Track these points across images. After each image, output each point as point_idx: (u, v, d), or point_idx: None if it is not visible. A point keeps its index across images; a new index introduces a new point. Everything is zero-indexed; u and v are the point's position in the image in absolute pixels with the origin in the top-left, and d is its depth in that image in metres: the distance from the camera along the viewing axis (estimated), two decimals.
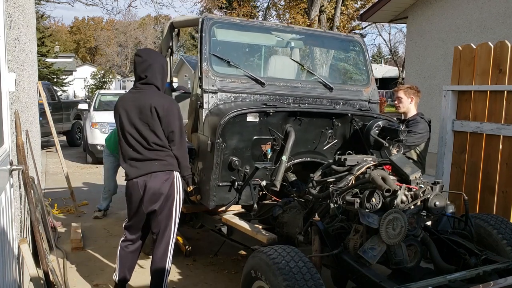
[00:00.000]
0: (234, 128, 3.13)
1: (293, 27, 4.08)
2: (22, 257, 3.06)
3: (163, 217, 3.03)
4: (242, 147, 3.22)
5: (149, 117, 2.89)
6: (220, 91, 3.36)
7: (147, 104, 2.89)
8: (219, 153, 3.11)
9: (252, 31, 3.90)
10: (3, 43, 2.80)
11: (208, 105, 3.32)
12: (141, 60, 2.99)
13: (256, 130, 3.23)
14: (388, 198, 2.60)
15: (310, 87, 3.73)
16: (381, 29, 34.00)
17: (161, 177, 2.94)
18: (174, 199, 3.02)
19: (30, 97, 4.94)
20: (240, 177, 3.24)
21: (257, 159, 3.30)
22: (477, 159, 4.03)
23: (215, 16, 3.54)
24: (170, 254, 3.12)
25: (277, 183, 3.22)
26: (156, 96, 2.95)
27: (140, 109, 2.91)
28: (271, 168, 3.35)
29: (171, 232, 3.07)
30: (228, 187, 3.25)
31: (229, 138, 3.14)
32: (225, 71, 3.43)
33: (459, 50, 4.26)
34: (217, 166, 3.13)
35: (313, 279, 2.25)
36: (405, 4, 8.54)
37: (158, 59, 3.03)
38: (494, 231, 2.88)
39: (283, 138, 3.32)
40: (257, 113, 3.17)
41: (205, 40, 3.38)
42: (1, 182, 2.49)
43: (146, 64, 2.97)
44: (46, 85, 11.34)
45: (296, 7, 21.12)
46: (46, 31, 27.62)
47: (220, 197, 3.24)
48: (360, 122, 3.55)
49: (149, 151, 2.92)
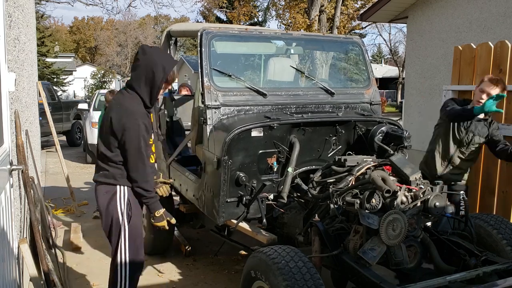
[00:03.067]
0: (240, 144, 3.13)
1: (292, 34, 4.08)
2: (22, 257, 3.06)
3: (108, 234, 2.67)
4: (248, 162, 3.22)
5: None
6: (223, 105, 3.34)
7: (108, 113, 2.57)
8: (226, 170, 3.10)
9: (251, 40, 3.89)
10: (3, 43, 2.79)
11: (212, 121, 3.31)
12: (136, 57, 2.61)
13: (261, 144, 3.23)
14: (388, 199, 2.60)
15: (311, 94, 3.73)
16: (381, 29, 33.98)
17: (102, 190, 2.64)
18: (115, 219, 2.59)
19: (30, 97, 4.94)
20: (248, 192, 3.24)
21: (263, 172, 3.31)
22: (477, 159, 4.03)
23: (214, 29, 3.51)
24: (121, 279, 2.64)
25: (284, 195, 3.23)
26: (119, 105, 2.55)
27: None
28: (277, 181, 3.36)
29: (116, 255, 2.63)
30: (236, 203, 3.25)
31: (235, 155, 3.13)
32: (227, 84, 3.42)
33: (459, 50, 4.26)
34: (224, 183, 3.12)
35: (313, 279, 2.25)
36: (405, 4, 8.53)
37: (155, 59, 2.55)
38: (494, 231, 2.88)
39: (288, 150, 3.32)
40: (261, 128, 3.17)
41: (205, 54, 3.36)
42: (1, 182, 2.49)
43: (138, 62, 2.57)
44: (46, 85, 11.34)
45: (296, 7, 21.11)
46: (46, 31, 27.64)
47: (229, 213, 3.24)
48: (364, 128, 3.55)
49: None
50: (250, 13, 24.94)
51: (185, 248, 4.48)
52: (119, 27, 51.84)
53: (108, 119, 2.55)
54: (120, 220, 2.58)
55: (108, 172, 2.60)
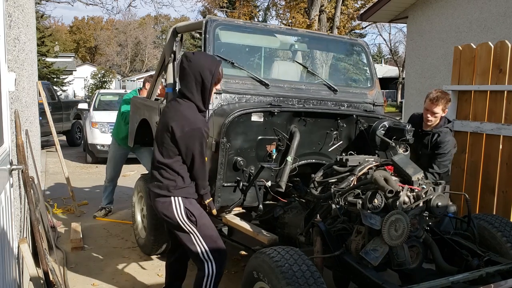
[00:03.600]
0: (239, 127, 3.11)
1: (297, 30, 4.07)
2: (22, 257, 3.05)
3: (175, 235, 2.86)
4: (247, 147, 3.20)
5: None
6: (224, 92, 3.35)
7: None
8: (223, 153, 3.09)
9: (256, 33, 3.89)
10: (3, 43, 2.78)
11: (212, 106, 3.30)
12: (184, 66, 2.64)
13: (261, 130, 3.22)
14: (390, 199, 2.59)
15: (314, 89, 3.72)
16: (381, 29, 34.01)
17: (159, 201, 2.76)
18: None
19: (30, 97, 4.93)
20: (245, 178, 3.22)
21: (262, 159, 3.29)
22: (477, 159, 4.03)
23: (219, 18, 3.54)
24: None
25: (283, 184, 3.21)
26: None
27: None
28: (276, 169, 3.34)
29: (198, 255, 2.77)
30: (233, 188, 3.23)
31: (233, 138, 3.12)
32: (229, 72, 3.42)
33: (459, 50, 4.25)
34: (221, 166, 3.11)
35: (316, 283, 2.22)
36: (405, 4, 8.54)
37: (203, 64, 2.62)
38: (499, 234, 2.86)
39: (288, 139, 3.30)
40: (261, 113, 3.16)
41: (209, 41, 3.37)
42: (1, 181, 2.48)
43: (185, 71, 2.63)
44: (46, 84, 11.34)
45: (296, 6, 21.10)
46: (46, 30, 27.58)
47: (225, 198, 3.22)
48: (366, 123, 3.54)
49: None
50: (251, 13, 24.93)
51: None
52: (119, 27, 51.86)
53: (167, 129, 2.62)
54: (185, 226, 2.72)
55: (162, 184, 2.70)
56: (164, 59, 4.43)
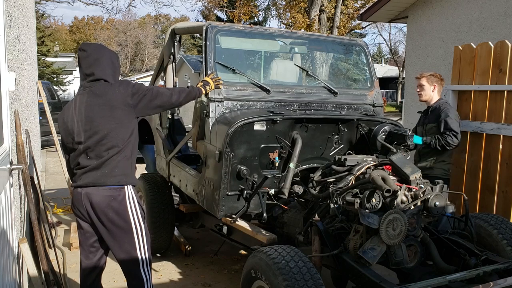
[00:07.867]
0: (242, 137, 3.12)
1: (297, 33, 4.08)
2: (22, 257, 3.06)
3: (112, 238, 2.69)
4: (250, 155, 3.21)
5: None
6: (226, 99, 3.35)
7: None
8: (227, 163, 3.10)
9: (255, 37, 3.89)
10: (3, 43, 2.79)
11: (215, 114, 3.31)
12: (85, 55, 2.57)
13: (264, 138, 3.23)
14: (388, 198, 2.60)
15: (314, 93, 3.73)
16: (381, 28, 33.95)
17: (100, 194, 2.50)
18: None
19: (30, 97, 4.93)
20: (249, 186, 3.23)
21: (265, 167, 3.30)
22: (477, 158, 4.03)
23: (219, 24, 3.53)
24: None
25: (285, 190, 3.22)
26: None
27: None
28: (279, 176, 3.35)
29: (136, 254, 2.65)
30: (237, 196, 3.24)
31: (237, 147, 3.13)
32: (231, 79, 3.42)
33: (459, 50, 4.26)
34: (225, 175, 3.12)
35: (313, 279, 2.25)
36: (405, 4, 8.53)
37: (106, 52, 2.61)
38: (494, 231, 2.88)
39: (290, 145, 3.32)
40: (264, 121, 3.16)
41: (209, 48, 3.37)
42: (1, 181, 2.49)
43: (91, 58, 2.56)
44: (46, 84, 11.35)
45: (296, 6, 21.09)
46: (46, 30, 27.64)
47: (229, 207, 3.23)
48: (366, 127, 3.56)
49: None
50: (251, 13, 24.89)
51: (185, 248, 4.48)
52: (119, 27, 51.85)
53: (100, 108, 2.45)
54: (133, 223, 2.54)
55: (106, 172, 2.43)
56: (162, 60, 4.43)
